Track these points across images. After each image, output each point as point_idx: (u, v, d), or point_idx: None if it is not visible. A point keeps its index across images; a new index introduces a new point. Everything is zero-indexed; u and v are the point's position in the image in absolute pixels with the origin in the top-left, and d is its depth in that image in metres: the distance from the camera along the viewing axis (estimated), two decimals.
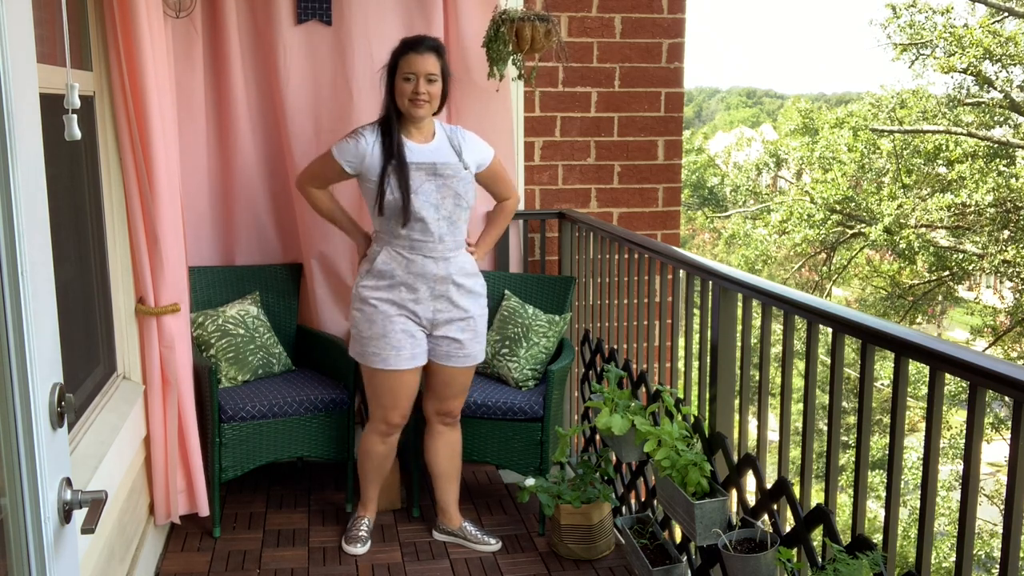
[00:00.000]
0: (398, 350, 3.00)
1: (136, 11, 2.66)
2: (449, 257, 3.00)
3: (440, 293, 3.01)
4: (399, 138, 2.96)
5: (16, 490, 1.22)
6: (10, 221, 1.18)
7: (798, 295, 2.27)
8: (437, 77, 2.95)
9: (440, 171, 2.96)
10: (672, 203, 4.19)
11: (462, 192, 2.99)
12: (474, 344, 3.11)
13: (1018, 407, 1.56)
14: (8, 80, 1.16)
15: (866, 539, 1.97)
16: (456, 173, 2.98)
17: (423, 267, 2.97)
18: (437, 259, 2.98)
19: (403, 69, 2.93)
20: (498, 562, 3.19)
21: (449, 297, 3.02)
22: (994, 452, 13.47)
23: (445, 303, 3.03)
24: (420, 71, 2.92)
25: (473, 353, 3.12)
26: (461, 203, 3.00)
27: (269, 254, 3.80)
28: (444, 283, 3.00)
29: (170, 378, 3.00)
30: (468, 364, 3.13)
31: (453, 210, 2.98)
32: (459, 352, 3.09)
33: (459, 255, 3.04)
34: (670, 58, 4.07)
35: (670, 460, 2.59)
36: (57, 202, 2.41)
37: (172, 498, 3.09)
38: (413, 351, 3.03)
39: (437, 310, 3.03)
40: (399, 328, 3.00)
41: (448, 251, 3.00)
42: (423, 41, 2.96)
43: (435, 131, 3.05)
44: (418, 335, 3.05)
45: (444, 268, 2.99)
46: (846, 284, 17.82)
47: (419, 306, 3.00)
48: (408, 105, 2.93)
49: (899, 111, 14.84)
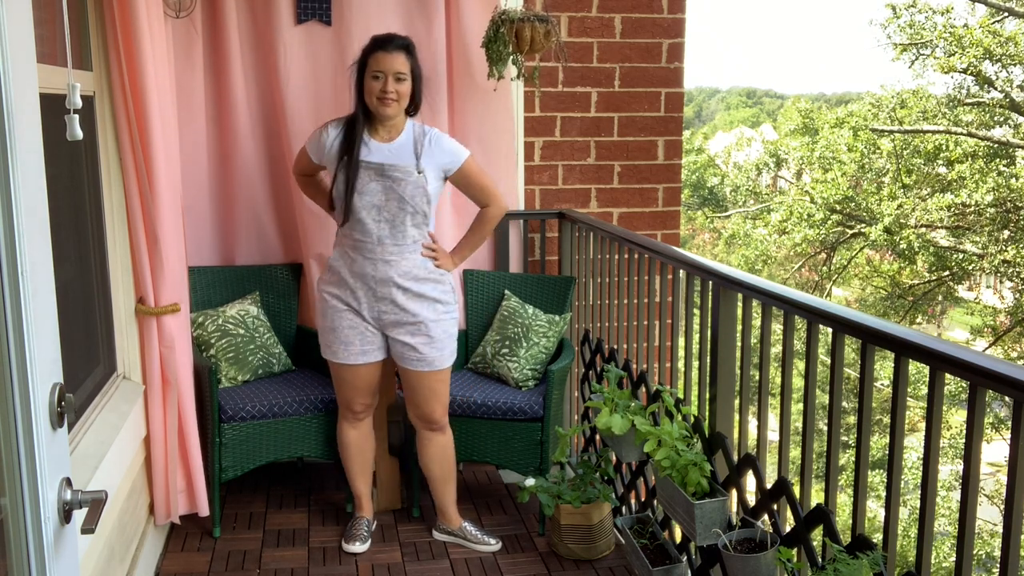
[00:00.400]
0: (347, 345, 3.06)
1: (136, 11, 2.66)
2: (389, 260, 2.97)
3: (382, 295, 3.00)
4: (361, 136, 2.96)
5: (16, 490, 1.22)
6: (10, 221, 1.18)
7: (798, 295, 2.27)
8: (406, 76, 2.94)
9: (388, 172, 2.93)
10: (672, 203, 4.19)
11: (408, 196, 2.93)
12: (430, 349, 3.03)
13: (1018, 407, 1.56)
14: (8, 80, 1.16)
15: (866, 539, 1.97)
16: (405, 177, 2.93)
17: (362, 268, 2.99)
18: (376, 261, 2.98)
19: (372, 67, 2.92)
20: (498, 562, 3.19)
21: (393, 300, 3.00)
22: (994, 452, 13.47)
23: (389, 305, 3.01)
24: (389, 69, 2.90)
25: (429, 358, 3.04)
26: (406, 207, 2.94)
27: (269, 254, 3.80)
28: (385, 285, 2.99)
29: (170, 378, 3.00)
30: (425, 369, 3.06)
31: (397, 213, 2.94)
32: (413, 356, 3.04)
33: (404, 259, 2.98)
34: (670, 58, 4.07)
35: (670, 460, 2.59)
36: (57, 202, 2.41)
37: (172, 498, 3.09)
38: (363, 347, 3.06)
39: (381, 311, 3.02)
40: (346, 324, 3.05)
41: (388, 254, 2.97)
42: (393, 39, 2.95)
43: (403, 131, 3.01)
44: (369, 332, 3.06)
45: (383, 270, 2.98)
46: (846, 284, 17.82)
47: (362, 306, 3.03)
48: (376, 103, 2.92)
49: (899, 111, 14.84)
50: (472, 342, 3.81)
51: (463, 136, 3.79)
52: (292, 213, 3.77)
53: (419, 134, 3.02)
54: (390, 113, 2.94)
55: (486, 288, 3.84)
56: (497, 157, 3.82)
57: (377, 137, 2.99)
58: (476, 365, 3.72)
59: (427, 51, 3.66)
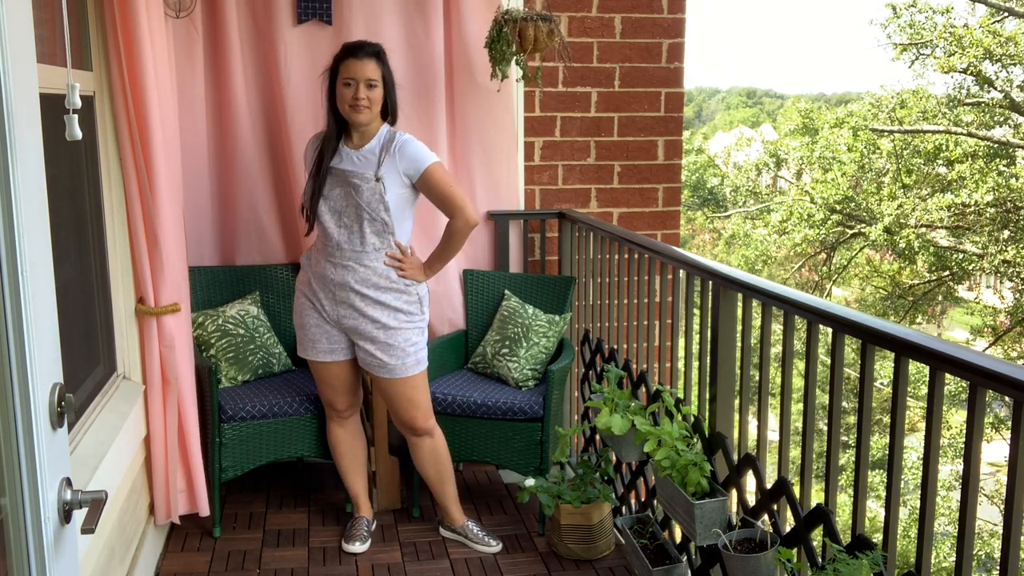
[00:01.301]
0: (314, 343, 3.11)
1: (136, 11, 2.66)
2: (347, 265, 2.98)
3: (340, 299, 3.02)
4: (332, 144, 2.99)
5: (16, 490, 1.22)
6: (10, 221, 1.18)
7: (798, 295, 2.27)
8: (377, 82, 2.94)
9: (348, 179, 2.95)
10: (672, 203, 4.19)
11: (364, 203, 2.92)
12: (389, 357, 3.01)
13: (1018, 407, 1.56)
14: (8, 80, 1.16)
15: (866, 539, 1.97)
16: (362, 183, 2.93)
17: (324, 270, 3.03)
18: (336, 265, 3.00)
19: (343, 74, 2.93)
20: (498, 562, 3.19)
21: (351, 304, 3.00)
22: (994, 452, 13.47)
23: (347, 309, 3.02)
24: (360, 76, 2.91)
25: (390, 365, 3.02)
26: (363, 214, 2.93)
27: (269, 254, 3.80)
28: (342, 290, 3.01)
29: (170, 378, 3.00)
30: (387, 376, 3.05)
31: (355, 219, 2.95)
32: (373, 362, 3.04)
33: (362, 265, 2.98)
34: (670, 58, 4.07)
35: (670, 460, 2.59)
36: (57, 202, 2.41)
37: (172, 498, 3.09)
38: (329, 346, 3.10)
39: (341, 315, 3.04)
40: (312, 323, 3.09)
41: (346, 259, 2.98)
42: (363, 47, 2.96)
43: (373, 138, 2.99)
44: (334, 332, 3.08)
45: (341, 275, 2.99)
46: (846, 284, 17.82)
47: (324, 307, 3.06)
48: (348, 110, 2.93)
49: (899, 111, 14.84)
50: (472, 342, 3.81)
51: (463, 136, 3.79)
52: (292, 213, 3.77)
53: (388, 140, 2.99)
54: (362, 120, 2.95)
55: (486, 288, 3.84)
56: (497, 157, 3.82)
57: (350, 144, 3.01)
58: (476, 365, 3.72)
59: (427, 51, 3.66)
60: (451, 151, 3.81)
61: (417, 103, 3.69)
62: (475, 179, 3.83)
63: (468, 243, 3.89)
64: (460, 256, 3.87)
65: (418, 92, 3.69)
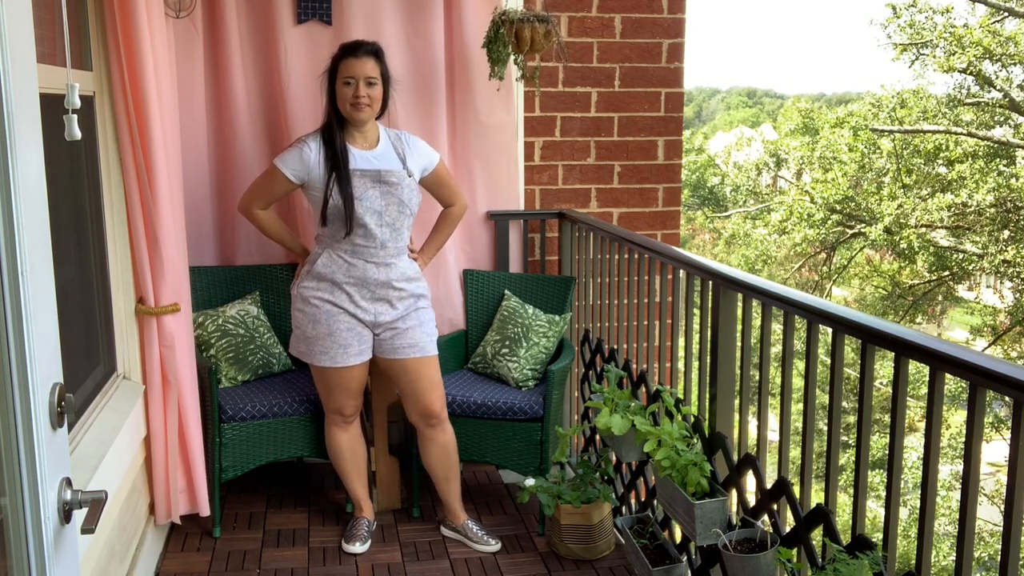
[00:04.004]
0: (345, 348, 3.07)
1: (136, 11, 2.66)
2: (390, 263, 3.03)
3: (380, 297, 3.04)
4: (343, 145, 2.99)
5: (16, 490, 1.22)
6: (10, 221, 1.18)
7: (798, 295, 2.27)
8: (377, 80, 2.98)
9: (384, 178, 2.98)
10: (672, 203, 4.19)
11: (405, 199, 3.01)
12: (420, 334, 3.10)
13: (1018, 407, 1.56)
14: (8, 80, 1.16)
15: (866, 539, 1.97)
16: (400, 180, 3.00)
17: (364, 272, 3.02)
18: (379, 264, 3.02)
19: (343, 73, 2.97)
20: (498, 562, 3.19)
21: (388, 300, 3.06)
22: (994, 452, 13.47)
23: (385, 306, 3.06)
24: (359, 75, 2.94)
25: (420, 343, 3.10)
26: (404, 210, 3.01)
27: (269, 254, 3.80)
28: (384, 288, 3.04)
29: (170, 378, 3.00)
30: (418, 355, 3.10)
31: (396, 217, 3.00)
32: (404, 344, 3.09)
33: (400, 261, 3.06)
34: (670, 58, 4.07)
35: (670, 460, 2.59)
36: (57, 202, 2.40)
37: (172, 498, 3.09)
38: (360, 347, 3.10)
39: (378, 312, 3.06)
40: (344, 327, 3.06)
41: (389, 257, 3.03)
42: (362, 45, 3.00)
43: (379, 137, 3.07)
44: (364, 333, 3.09)
45: (384, 274, 3.02)
46: (846, 284, 17.82)
47: (359, 309, 3.05)
48: (350, 109, 2.96)
49: (899, 111, 14.83)
50: (472, 342, 3.81)
51: (463, 136, 3.79)
52: (292, 213, 3.77)
53: (395, 138, 3.10)
54: (364, 118, 2.98)
55: (486, 288, 3.84)
56: (498, 157, 3.82)
57: (356, 145, 3.02)
58: (476, 365, 3.72)
59: (427, 51, 3.66)
60: (451, 151, 3.81)
61: (417, 103, 3.69)
62: (475, 179, 3.83)
63: (468, 243, 3.90)
64: (460, 256, 3.88)
65: (418, 92, 3.69)
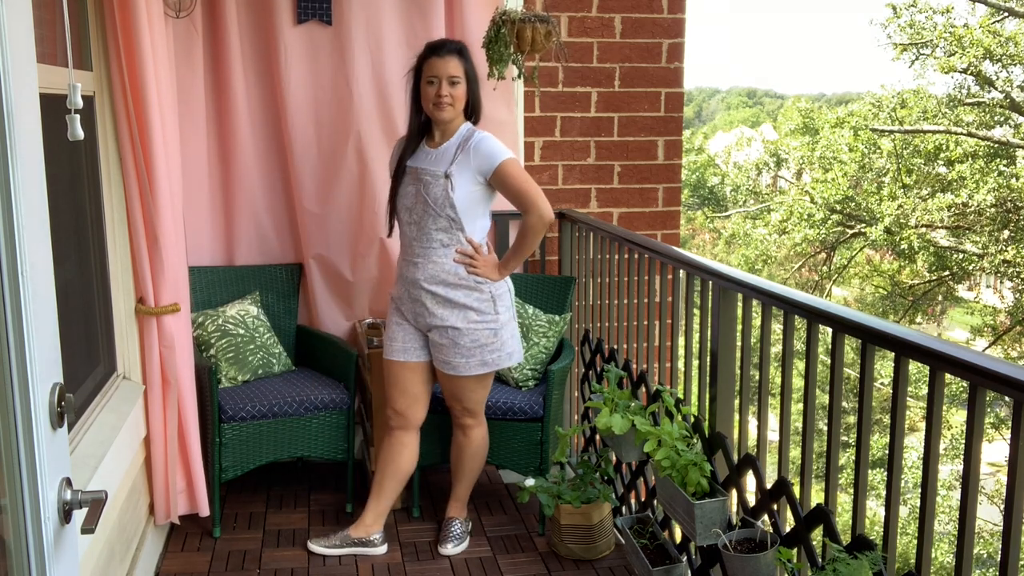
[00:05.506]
0: (391, 340, 3.13)
1: (136, 11, 2.66)
2: (416, 262, 3.02)
3: (415, 297, 3.04)
4: (412, 144, 3.05)
5: (16, 490, 1.22)
6: (10, 221, 1.18)
7: (798, 295, 2.27)
8: (460, 79, 2.96)
9: (420, 176, 2.99)
10: (672, 203, 4.19)
11: (432, 200, 2.94)
12: (453, 355, 3.01)
13: (1018, 407, 1.56)
14: (8, 80, 1.16)
15: (866, 539, 1.97)
16: (432, 180, 2.96)
17: (403, 269, 3.09)
18: (408, 262, 3.05)
19: (426, 73, 2.96)
20: (498, 562, 3.19)
21: (423, 302, 3.02)
22: (994, 452, 13.47)
23: (421, 307, 3.04)
24: (442, 74, 2.93)
25: (453, 363, 3.02)
26: (429, 210, 2.95)
27: (269, 254, 3.80)
28: (415, 287, 3.03)
29: (170, 378, 3.00)
30: (448, 372, 3.06)
31: (422, 215, 2.98)
32: (439, 356, 3.07)
33: (430, 262, 2.99)
34: (670, 58, 4.07)
35: (670, 460, 2.59)
36: (57, 202, 2.40)
37: (172, 498, 3.09)
38: (404, 345, 3.10)
39: (417, 313, 3.07)
40: (394, 321, 3.15)
41: (416, 255, 3.02)
42: (445, 44, 2.99)
43: (454, 135, 3.01)
44: (411, 331, 3.10)
45: (413, 272, 3.03)
46: (846, 284, 17.82)
47: (404, 305, 3.11)
48: (432, 108, 2.96)
49: (899, 111, 14.83)
50: None
51: None
52: (292, 213, 3.77)
53: (465, 138, 3.00)
54: (446, 117, 2.97)
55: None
56: None
57: (431, 143, 3.04)
58: None
59: None
60: None
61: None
62: None
63: None
64: None
65: None
